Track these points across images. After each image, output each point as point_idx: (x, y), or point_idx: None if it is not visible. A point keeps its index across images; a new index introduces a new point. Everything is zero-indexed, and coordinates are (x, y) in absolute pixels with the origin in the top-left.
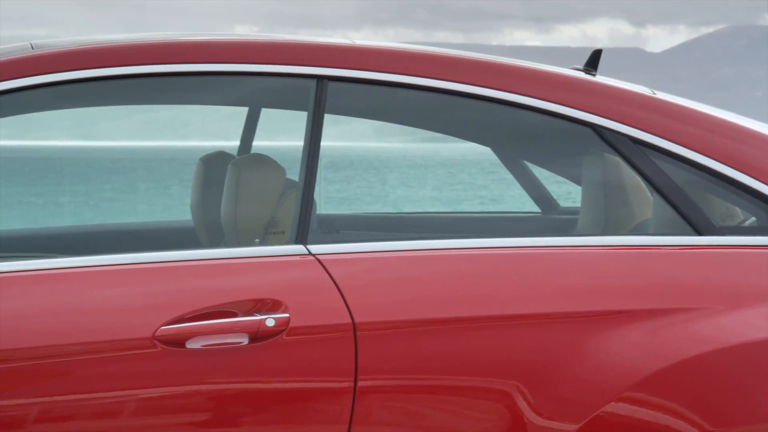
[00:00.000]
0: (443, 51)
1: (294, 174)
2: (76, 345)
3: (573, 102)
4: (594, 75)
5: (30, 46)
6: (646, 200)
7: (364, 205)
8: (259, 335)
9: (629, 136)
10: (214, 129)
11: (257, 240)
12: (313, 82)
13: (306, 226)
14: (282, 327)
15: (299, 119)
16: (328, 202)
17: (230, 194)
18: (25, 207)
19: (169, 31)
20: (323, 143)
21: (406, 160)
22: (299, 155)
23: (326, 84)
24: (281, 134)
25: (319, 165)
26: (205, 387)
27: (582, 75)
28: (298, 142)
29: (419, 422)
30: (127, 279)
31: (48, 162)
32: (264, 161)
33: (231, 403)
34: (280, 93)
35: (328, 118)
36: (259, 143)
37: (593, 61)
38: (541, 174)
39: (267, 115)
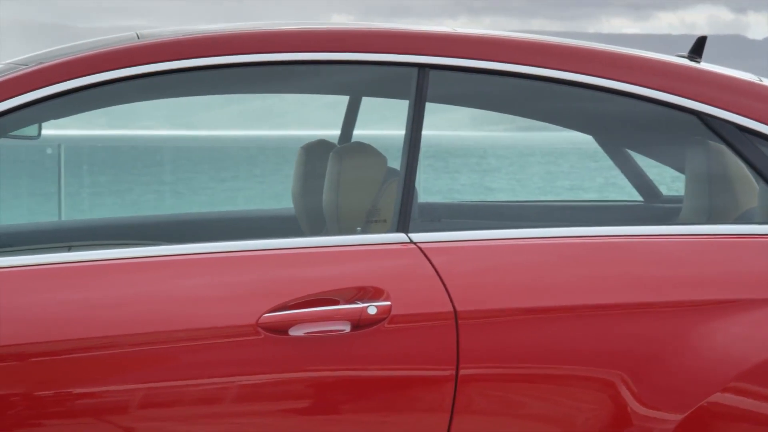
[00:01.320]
0: (546, 39)
1: (393, 163)
2: (180, 332)
3: (678, 90)
4: (699, 62)
5: (135, 36)
6: (751, 189)
7: (463, 193)
8: (360, 323)
9: (736, 124)
10: (309, 118)
11: (359, 228)
12: (414, 71)
13: (407, 215)
14: (384, 315)
15: (394, 108)
16: (426, 190)
17: (332, 182)
18: (126, 196)
19: (267, 21)
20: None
21: (505, 149)
22: (394, 144)
23: (428, 72)
24: (378, 123)
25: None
26: (306, 374)
27: (687, 62)
28: (392, 131)
29: (520, 411)
30: (230, 267)
31: (147, 151)
32: (365, 150)
33: (331, 391)
34: (381, 82)
35: (427, 107)
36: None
37: (698, 49)
38: (644, 162)
39: (362, 104)
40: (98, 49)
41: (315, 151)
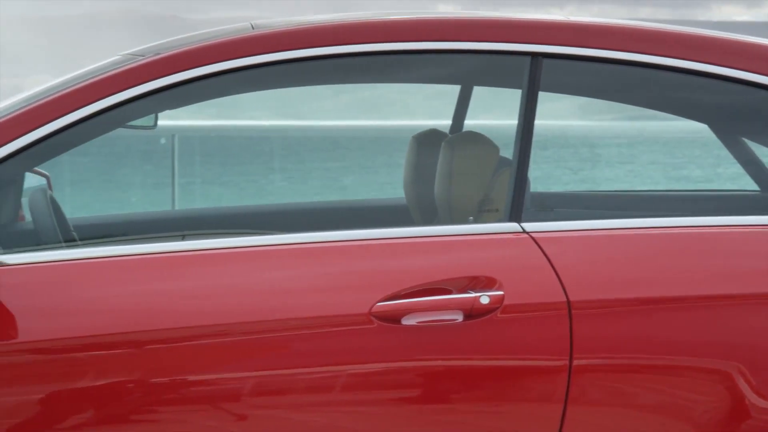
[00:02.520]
0: (659, 26)
1: (503, 152)
2: (293, 320)
3: None
4: None
5: (250, 26)
6: None
7: (574, 183)
8: (473, 312)
9: None
10: (417, 108)
11: (471, 218)
12: (527, 59)
13: (520, 204)
14: (496, 304)
15: (499, 98)
16: (535, 180)
17: (444, 172)
18: (237, 185)
19: (377, 11)
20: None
21: (615, 138)
22: (501, 133)
23: (541, 61)
24: (486, 113)
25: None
26: (418, 363)
27: None
28: (498, 121)
29: (635, 402)
30: (342, 256)
31: (256, 141)
32: (478, 139)
33: (443, 380)
34: (493, 71)
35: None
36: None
37: None
38: (760, 152)
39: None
40: (214, 40)
41: (426, 141)
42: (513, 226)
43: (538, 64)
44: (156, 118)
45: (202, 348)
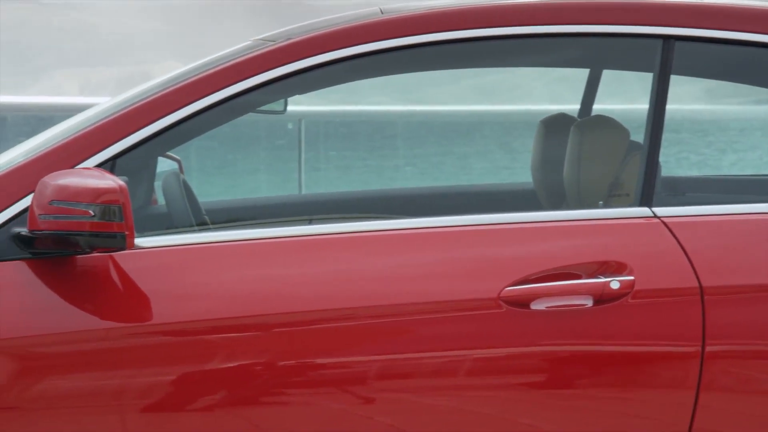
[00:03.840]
0: None
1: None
2: (421, 305)
3: None
4: None
5: (379, 11)
6: None
7: (704, 167)
8: (603, 297)
9: None
10: (542, 92)
11: (600, 202)
12: (659, 42)
13: (651, 189)
14: (627, 290)
15: (624, 82)
16: (666, 164)
17: (573, 156)
18: (363, 171)
19: None
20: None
21: (745, 122)
22: (626, 117)
23: (673, 44)
24: (611, 97)
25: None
26: (546, 348)
27: None
28: (623, 105)
29: None
30: (470, 240)
31: (379, 126)
32: (608, 123)
33: (571, 366)
34: (623, 54)
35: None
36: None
37: None
38: None
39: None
40: (343, 25)
41: (555, 125)
42: (644, 210)
43: (670, 47)
44: (286, 103)
45: (329, 332)
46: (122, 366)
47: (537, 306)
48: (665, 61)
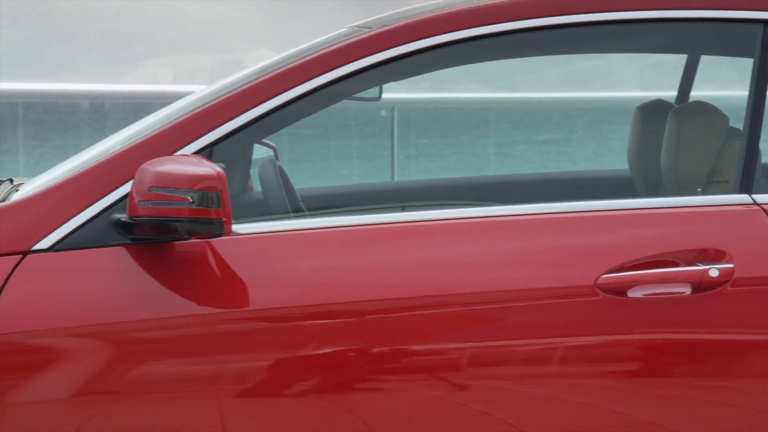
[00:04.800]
0: None
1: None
2: (516, 292)
3: None
4: None
5: None
6: None
7: None
8: (701, 285)
9: None
10: (634, 79)
11: (699, 189)
12: (760, 27)
13: (751, 175)
14: (726, 278)
15: (718, 68)
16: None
17: (671, 143)
18: (455, 158)
19: None
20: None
21: None
22: (725, 103)
23: None
24: (708, 83)
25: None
26: (642, 336)
27: None
28: (720, 92)
29: None
30: (567, 228)
31: (471, 113)
32: (707, 109)
33: (667, 354)
34: (722, 39)
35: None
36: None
37: None
38: None
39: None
40: (437, 12)
41: (652, 111)
42: (743, 197)
43: None
44: (381, 90)
45: (423, 318)
46: (218, 351)
47: (634, 294)
48: (766, 45)
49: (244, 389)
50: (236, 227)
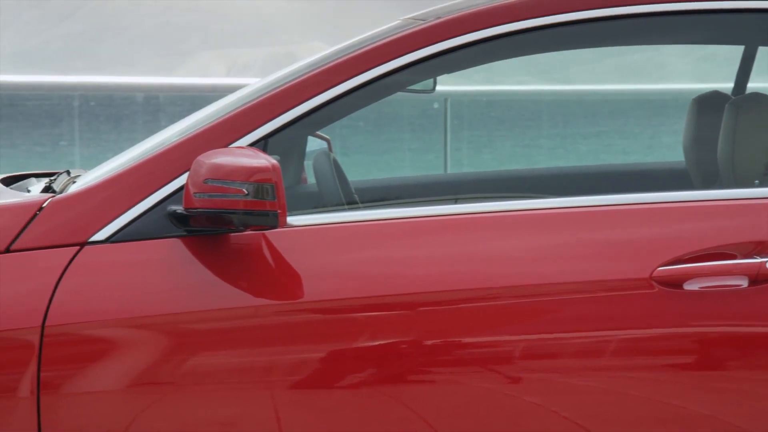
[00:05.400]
0: None
1: None
2: (569, 284)
3: None
4: None
5: None
6: None
7: None
8: (759, 278)
9: None
10: (687, 71)
11: (756, 181)
12: None
13: None
14: None
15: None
16: None
17: (727, 135)
18: (507, 150)
19: None
20: None
21: None
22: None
23: None
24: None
25: None
26: (698, 329)
27: None
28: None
29: None
30: (620, 220)
31: (523, 106)
32: (765, 101)
33: (723, 347)
34: None
35: None
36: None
37: None
38: None
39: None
40: (491, 4)
41: (708, 103)
42: None
43: None
44: (435, 82)
45: (476, 311)
46: (271, 343)
47: (690, 286)
48: None
49: (297, 381)
50: (291, 219)
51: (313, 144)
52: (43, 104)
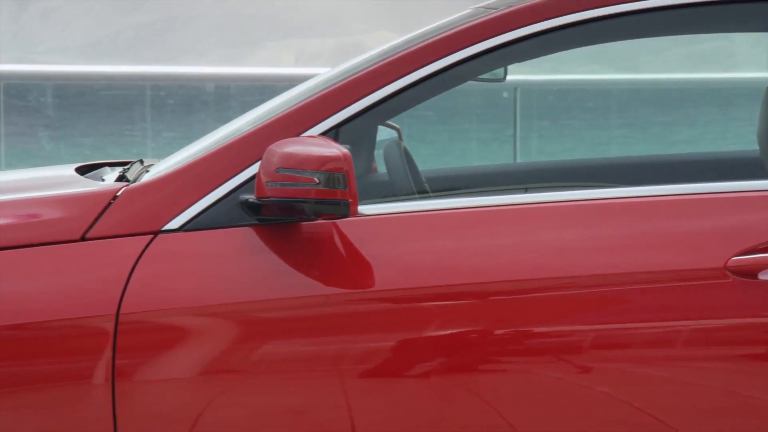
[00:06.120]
0: None
1: None
2: (639, 274)
3: None
4: None
5: None
6: None
7: None
8: None
9: None
10: (760, 59)
11: None
12: None
13: None
14: None
15: None
16: None
17: None
18: (572, 140)
19: None
20: None
21: None
22: None
23: None
24: None
25: None
26: None
27: None
28: None
29: None
30: (693, 209)
31: (592, 95)
32: None
33: None
34: None
35: None
36: None
37: None
38: None
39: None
40: None
41: None
42: None
43: None
44: (506, 71)
45: (547, 300)
46: (342, 332)
47: (765, 276)
48: None
49: (368, 369)
50: (362, 208)
51: (383, 133)
52: (115, 94)
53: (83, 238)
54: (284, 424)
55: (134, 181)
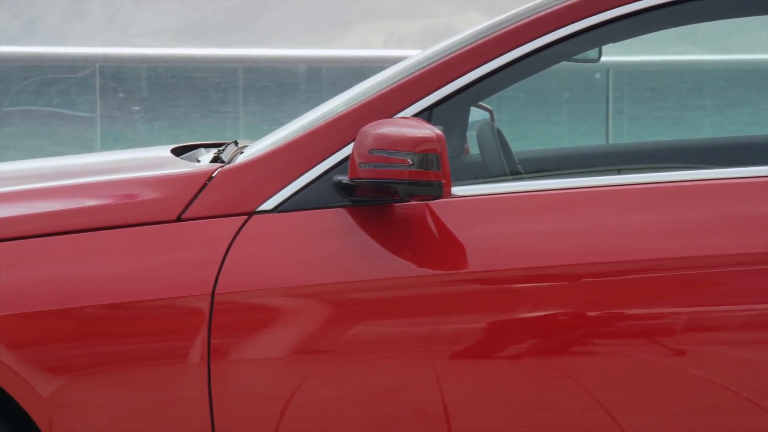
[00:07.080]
0: None
1: None
2: (733, 256)
3: None
4: None
5: None
6: None
7: None
8: None
9: None
10: None
11: None
12: None
13: None
14: None
15: None
16: None
17: None
18: (665, 122)
19: None
20: None
21: None
22: None
23: None
24: None
25: None
26: None
27: None
28: None
29: None
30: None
31: (685, 76)
32: None
33: None
34: None
35: None
36: None
37: None
38: None
39: None
40: None
41: None
42: None
43: None
44: (600, 51)
45: (640, 282)
46: (433, 313)
47: None
48: None
49: (459, 351)
50: (455, 189)
51: (474, 115)
52: (208, 76)
53: (179, 219)
54: (376, 405)
55: (229, 162)
